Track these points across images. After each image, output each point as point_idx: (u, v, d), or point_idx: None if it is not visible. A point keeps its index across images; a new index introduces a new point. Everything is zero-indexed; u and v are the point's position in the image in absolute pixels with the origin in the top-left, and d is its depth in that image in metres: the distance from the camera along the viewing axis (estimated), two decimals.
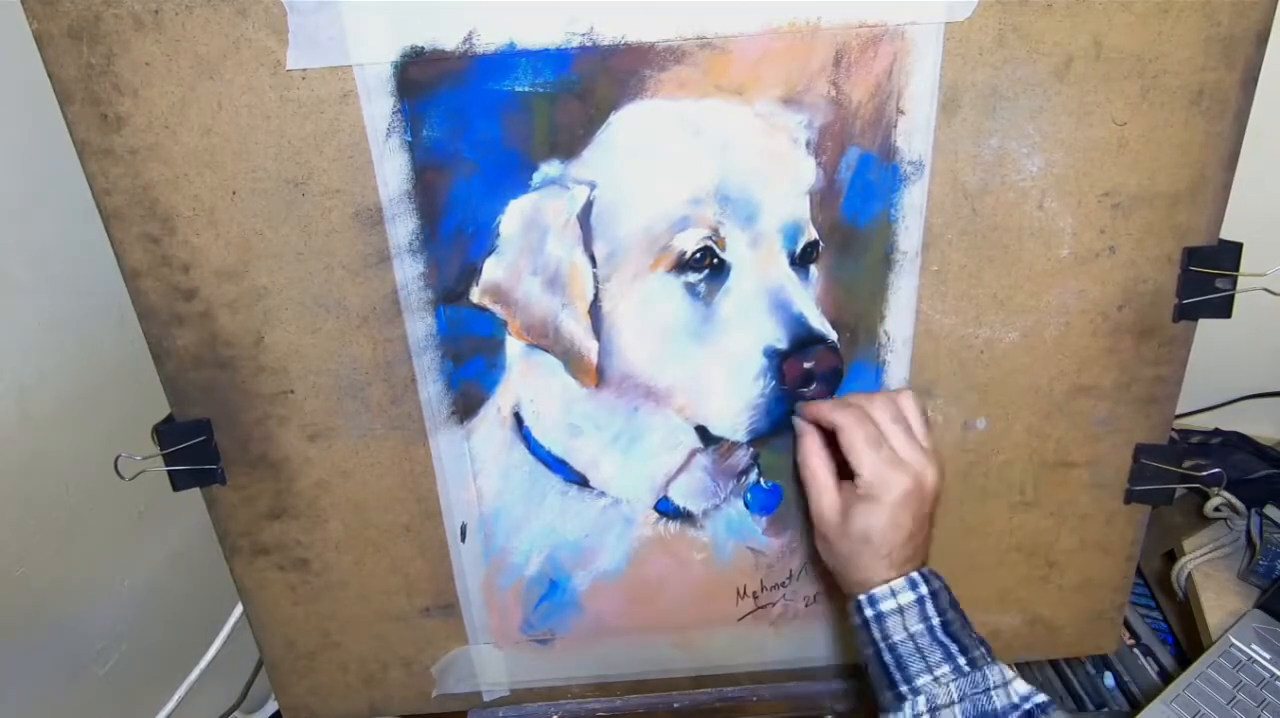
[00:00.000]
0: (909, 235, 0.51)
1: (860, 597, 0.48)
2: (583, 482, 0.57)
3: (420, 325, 0.52)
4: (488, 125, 0.47)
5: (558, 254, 0.51)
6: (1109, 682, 0.72)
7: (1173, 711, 0.60)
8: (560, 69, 0.46)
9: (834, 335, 0.53)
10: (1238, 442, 0.84)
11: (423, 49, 0.45)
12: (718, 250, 0.51)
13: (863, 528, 0.48)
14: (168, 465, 0.53)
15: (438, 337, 0.52)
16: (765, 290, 0.51)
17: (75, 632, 0.67)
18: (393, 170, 0.48)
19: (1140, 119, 0.49)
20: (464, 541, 0.59)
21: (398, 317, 0.51)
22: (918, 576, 0.48)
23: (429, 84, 0.46)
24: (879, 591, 0.47)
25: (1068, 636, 0.65)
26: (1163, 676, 0.71)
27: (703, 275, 0.51)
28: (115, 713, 0.70)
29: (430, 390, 0.54)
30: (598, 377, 0.53)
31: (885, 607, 0.47)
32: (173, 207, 0.48)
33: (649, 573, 0.61)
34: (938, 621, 0.47)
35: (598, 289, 0.51)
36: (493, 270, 0.51)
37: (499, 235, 0.50)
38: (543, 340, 0.53)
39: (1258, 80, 0.48)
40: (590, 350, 0.53)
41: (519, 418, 0.55)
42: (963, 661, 0.46)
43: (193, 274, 0.50)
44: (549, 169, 0.49)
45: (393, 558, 0.59)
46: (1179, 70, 0.47)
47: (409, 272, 0.50)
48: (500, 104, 0.47)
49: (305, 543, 0.58)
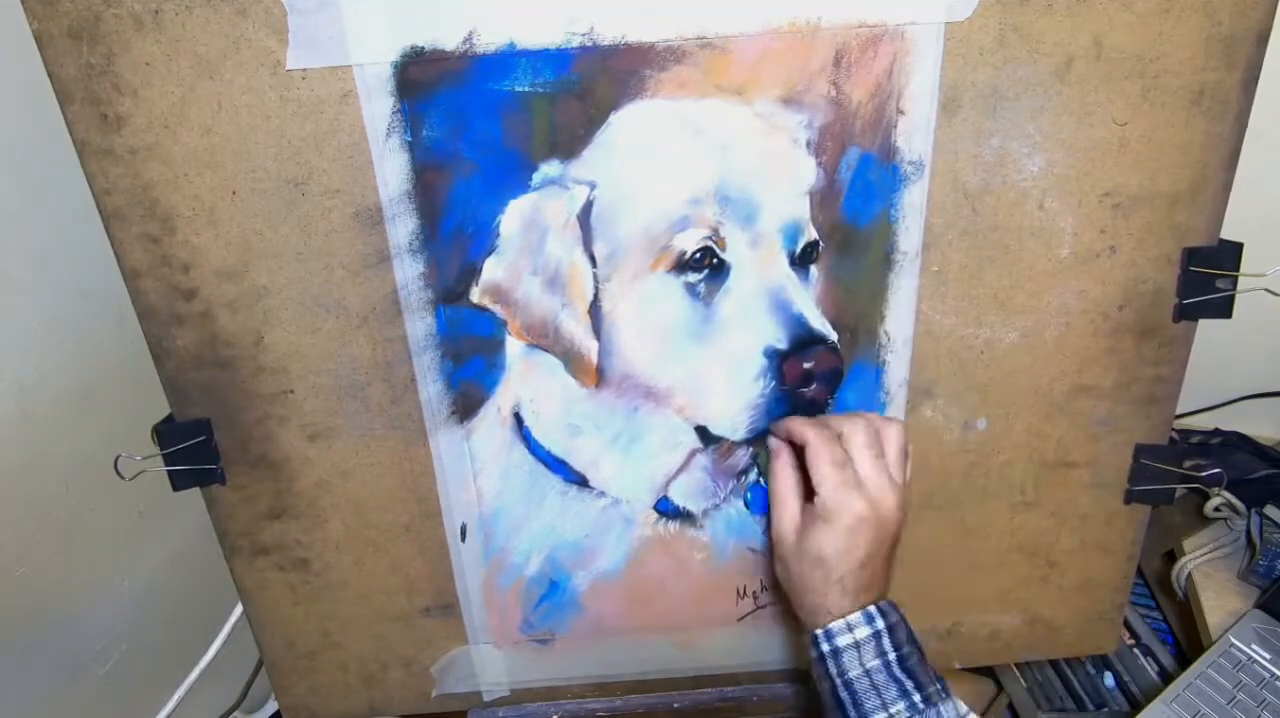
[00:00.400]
0: (909, 235, 0.51)
1: (817, 632, 0.47)
2: (583, 482, 0.57)
3: (420, 325, 0.52)
4: (488, 125, 0.47)
5: (558, 254, 0.51)
6: (1109, 682, 0.72)
7: (1173, 711, 0.60)
8: (560, 69, 0.46)
9: (834, 336, 0.53)
10: (1238, 442, 0.84)
11: (423, 49, 0.45)
12: (718, 250, 0.51)
13: (816, 549, 0.47)
14: (168, 465, 0.53)
15: (438, 337, 0.52)
16: (765, 290, 0.51)
17: (75, 632, 0.67)
18: (393, 170, 0.48)
19: (1141, 119, 0.49)
20: (464, 541, 0.59)
21: (398, 317, 0.51)
22: (874, 609, 0.47)
23: (429, 84, 0.46)
24: (835, 625, 0.47)
25: (1068, 636, 0.65)
26: (1163, 676, 0.71)
27: (703, 275, 0.51)
28: (115, 713, 0.70)
29: (430, 390, 0.54)
30: (598, 377, 0.53)
31: (841, 642, 0.46)
32: (173, 207, 0.48)
33: (649, 573, 0.61)
34: (894, 656, 0.46)
35: (598, 289, 0.51)
36: (493, 270, 0.51)
37: (499, 235, 0.50)
38: (543, 340, 0.53)
39: (1258, 80, 0.48)
40: (590, 350, 0.53)
41: (519, 418, 0.55)
42: (918, 697, 0.45)
43: (193, 274, 0.50)
44: (549, 169, 0.49)
45: (393, 558, 0.59)
46: (1180, 70, 0.47)
47: (409, 272, 0.50)
48: (500, 104, 0.47)
49: (305, 543, 0.58)
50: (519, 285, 0.51)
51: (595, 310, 0.52)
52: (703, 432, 0.55)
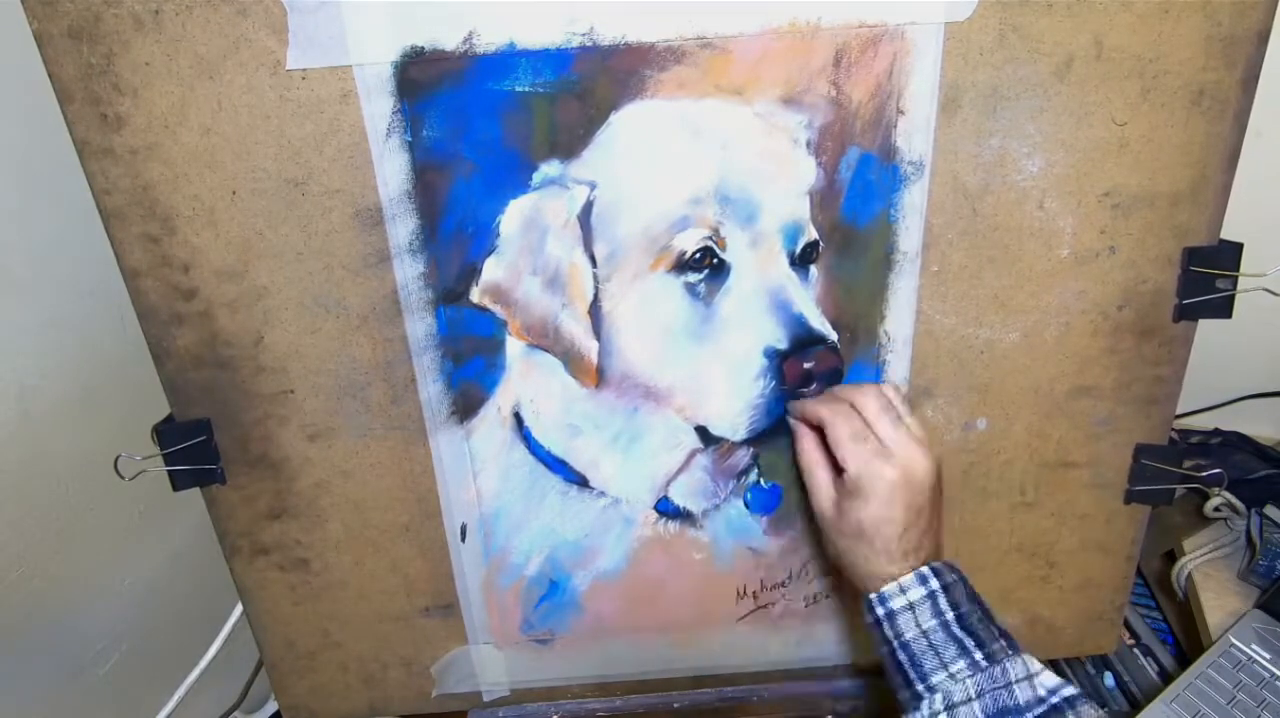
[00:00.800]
0: (909, 236, 0.51)
1: (870, 595, 0.47)
2: (583, 482, 0.57)
3: (420, 325, 0.52)
4: (488, 125, 0.47)
5: (558, 254, 0.51)
6: (1109, 682, 0.72)
7: (1173, 711, 0.60)
8: (560, 69, 0.46)
9: (834, 336, 0.53)
10: (1238, 442, 0.84)
11: (423, 49, 0.45)
12: (718, 250, 0.51)
13: (855, 523, 0.47)
14: (168, 465, 0.53)
15: (438, 337, 0.52)
16: (765, 290, 0.51)
17: (75, 632, 0.67)
18: (393, 170, 0.48)
19: (1141, 119, 0.49)
20: (464, 540, 0.59)
21: (398, 317, 0.51)
22: (928, 570, 0.46)
23: (429, 84, 0.46)
24: (888, 588, 0.46)
25: (1068, 636, 0.65)
26: (1163, 676, 0.71)
27: (703, 275, 0.51)
28: (115, 713, 0.70)
29: (430, 390, 0.54)
30: (598, 377, 0.53)
31: (895, 604, 0.46)
32: (173, 207, 0.48)
33: (649, 573, 0.61)
34: (952, 615, 0.45)
35: (598, 289, 0.51)
36: (493, 270, 0.51)
37: (499, 235, 0.50)
38: (543, 340, 0.53)
39: (1258, 80, 0.48)
40: (590, 350, 0.53)
41: (519, 418, 0.55)
42: (979, 655, 0.44)
43: (193, 274, 0.50)
44: (549, 169, 0.49)
45: (393, 558, 0.59)
46: (1180, 70, 0.47)
47: (409, 272, 0.50)
48: (500, 104, 0.47)
49: (305, 543, 0.58)
50: (519, 285, 0.51)
51: (595, 310, 0.52)
52: (703, 432, 0.55)
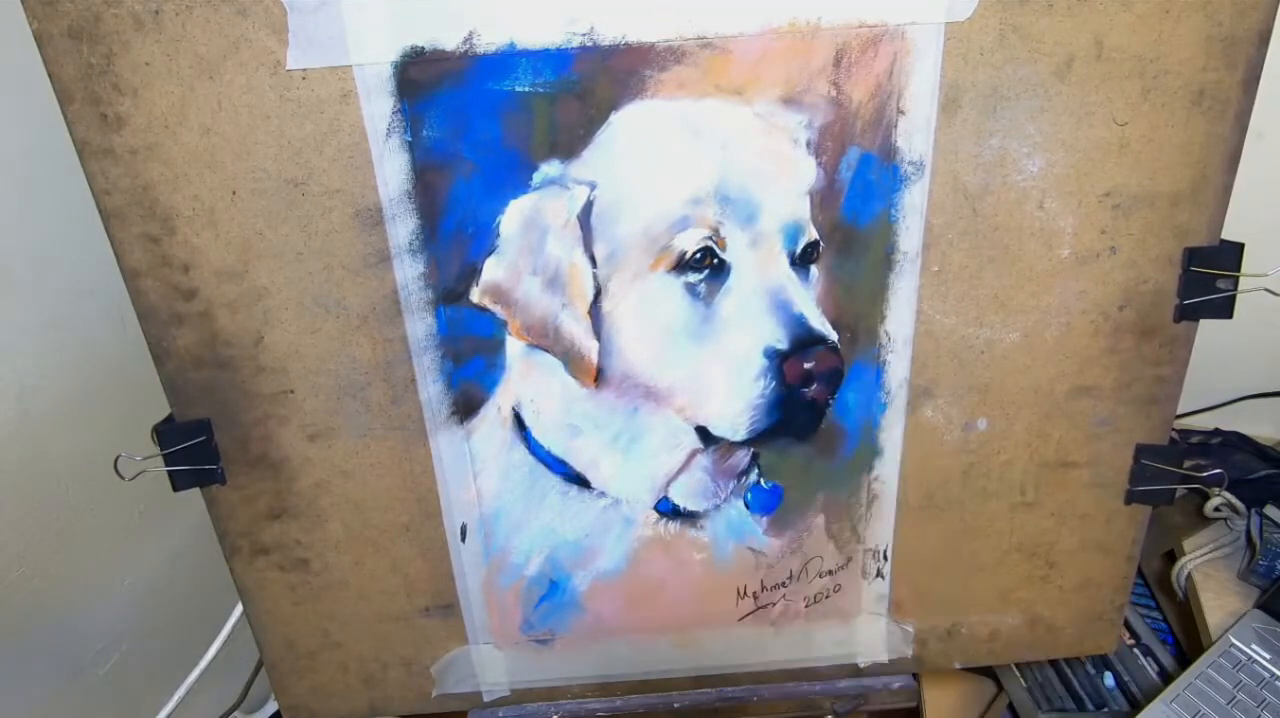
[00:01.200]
0: (909, 236, 0.51)
1: None
2: (583, 482, 0.57)
3: (420, 325, 0.52)
4: (488, 125, 0.47)
5: (558, 254, 0.50)
6: (1109, 682, 0.72)
7: (1173, 711, 0.60)
8: (560, 69, 0.46)
9: (834, 336, 0.53)
10: (1238, 442, 0.84)
11: (423, 49, 0.45)
12: (718, 250, 0.51)
13: None
14: (168, 466, 0.53)
15: (438, 337, 0.52)
16: (765, 290, 0.51)
17: (75, 632, 0.67)
18: (393, 170, 0.48)
19: (1141, 119, 0.49)
20: (464, 541, 0.59)
21: (398, 317, 0.51)
22: None
23: (429, 84, 0.46)
24: None
25: (1068, 636, 0.65)
26: (1163, 676, 0.71)
27: (703, 275, 0.51)
28: (115, 713, 0.70)
29: (430, 390, 0.54)
30: (598, 377, 0.53)
31: None
32: (173, 207, 0.48)
33: (649, 573, 0.61)
34: None
35: (598, 289, 0.51)
36: (493, 270, 0.51)
37: (499, 235, 0.50)
38: (543, 340, 0.53)
39: (1259, 81, 0.48)
40: (590, 350, 0.53)
41: (519, 418, 0.55)
42: None
43: (193, 274, 0.50)
44: (549, 169, 0.49)
45: (393, 558, 0.59)
46: (1180, 70, 0.47)
47: (409, 272, 0.50)
48: (500, 104, 0.47)
49: (305, 543, 0.58)
50: (519, 285, 0.51)
51: (595, 310, 0.52)
52: (703, 432, 0.55)
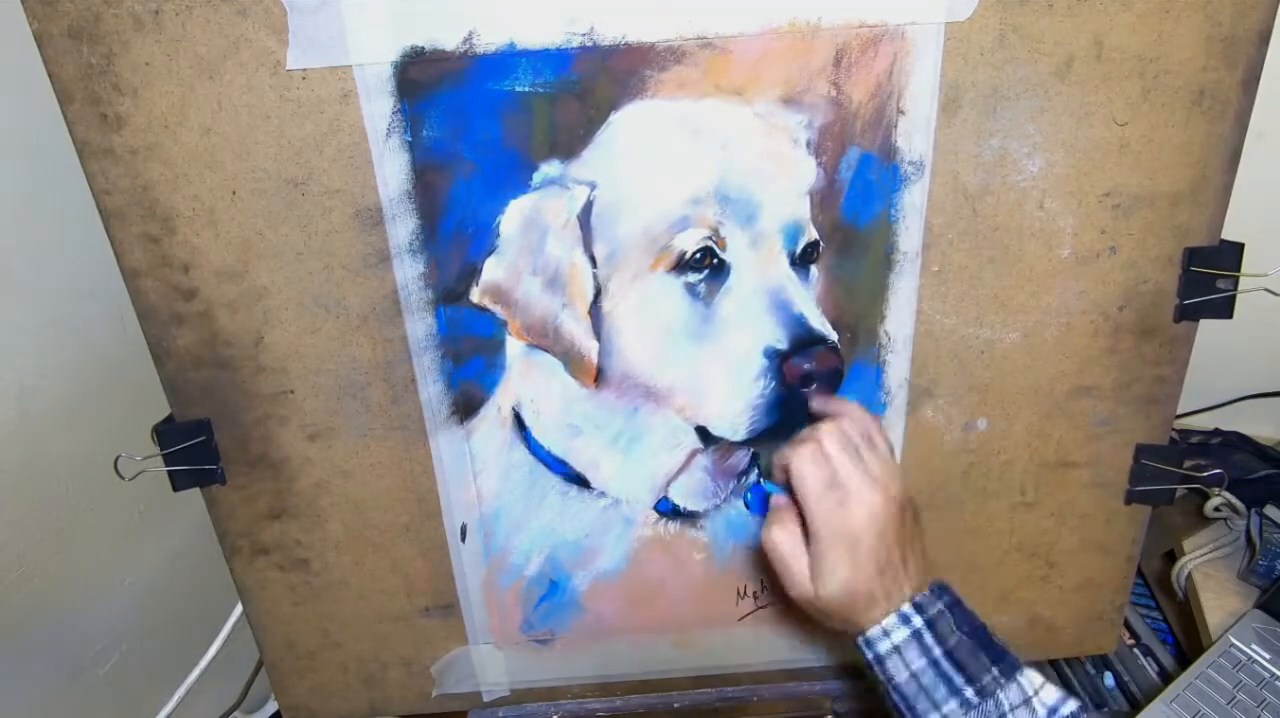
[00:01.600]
0: (909, 236, 0.51)
1: (858, 639, 0.45)
2: (583, 482, 0.57)
3: (420, 325, 0.52)
4: (488, 125, 0.47)
5: (558, 254, 0.50)
6: (1109, 682, 0.72)
7: (1173, 711, 0.60)
8: (560, 69, 0.46)
9: (834, 336, 0.52)
10: (1238, 442, 0.84)
11: (423, 49, 0.45)
12: (718, 250, 0.51)
13: (833, 589, 0.44)
14: (168, 466, 0.53)
15: (438, 337, 0.52)
16: (765, 290, 0.51)
17: (75, 632, 0.67)
18: (393, 170, 0.48)
19: (1141, 119, 0.49)
20: (464, 541, 0.59)
21: (398, 317, 0.51)
22: (909, 608, 0.44)
23: (429, 84, 0.46)
24: (873, 632, 0.45)
25: (1068, 636, 0.65)
26: (1163, 676, 0.71)
27: (703, 275, 0.51)
28: (115, 713, 0.70)
29: (430, 390, 0.54)
30: (598, 377, 0.53)
31: (882, 648, 0.44)
32: (173, 207, 0.48)
33: (649, 573, 0.61)
34: (939, 652, 0.44)
35: (598, 289, 0.51)
36: (493, 270, 0.51)
37: (499, 235, 0.50)
38: (543, 340, 0.53)
39: (1259, 81, 0.48)
40: (590, 350, 0.53)
41: (519, 418, 0.55)
42: (970, 692, 0.43)
43: (193, 274, 0.50)
44: (549, 169, 0.49)
45: (393, 558, 0.59)
46: (1180, 70, 0.47)
47: (409, 272, 0.50)
48: (500, 104, 0.47)
49: (305, 543, 0.58)
50: (519, 285, 0.51)
51: (595, 310, 0.52)
52: (703, 432, 0.55)
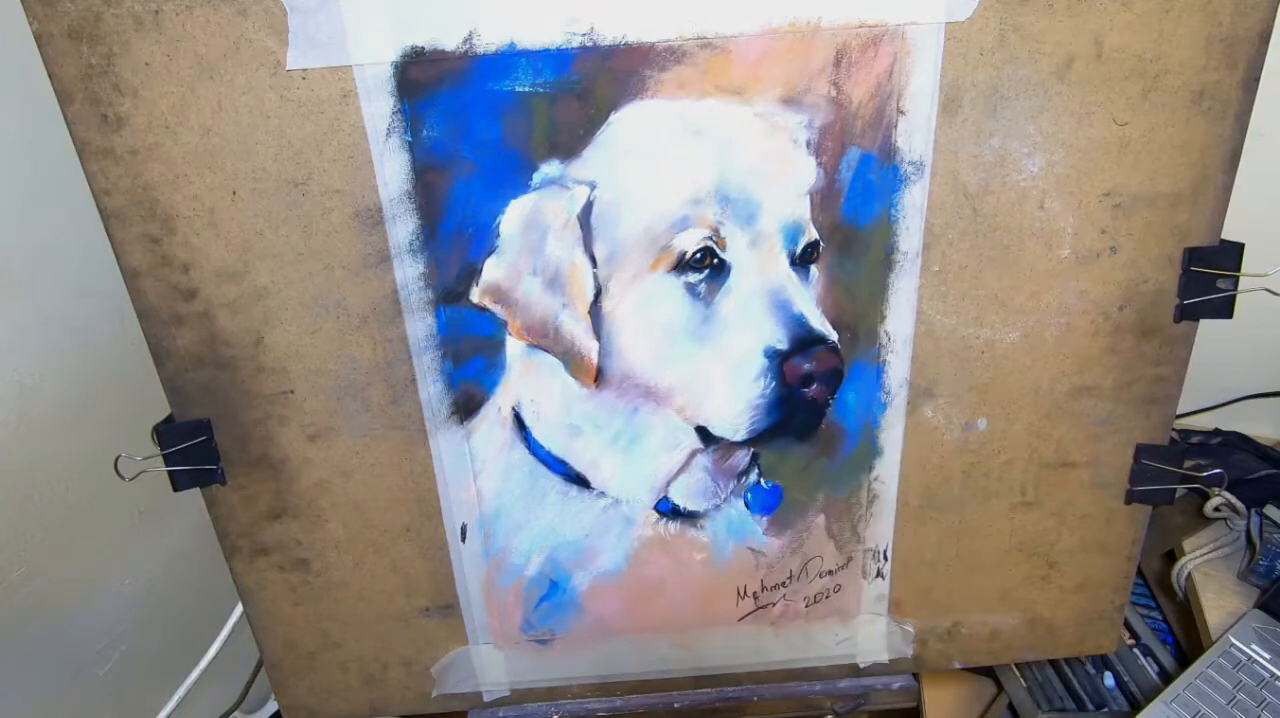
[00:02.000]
0: (909, 236, 0.51)
1: None
2: (583, 482, 0.57)
3: (420, 325, 0.52)
4: (488, 125, 0.47)
5: (558, 254, 0.50)
6: (1109, 682, 0.72)
7: (1173, 711, 0.60)
8: (560, 69, 0.46)
9: (834, 336, 0.53)
10: (1238, 442, 0.84)
11: (423, 49, 0.45)
12: (718, 250, 0.51)
13: None
14: (168, 466, 0.53)
15: (438, 337, 0.52)
16: (765, 290, 0.51)
17: (75, 632, 0.67)
18: (393, 170, 0.48)
19: (1141, 119, 0.49)
20: (464, 541, 0.59)
21: (398, 317, 0.51)
22: None
23: (429, 84, 0.46)
24: None
25: (1068, 636, 0.65)
26: (1163, 676, 0.71)
27: (703, 275, 0.51)
28: (115, 713, 0.70)
29: (430, 390, 0.54)
30: (598, 377, 0.53)
31: None
32: (173, 207, 0.48)
33: (649, 573, 0.61)
34: None
35: (598, 289, 0.51)
36: (493, 270, 0.51)
37: (499, 235, 0.50)
38: (543, 341, 0.53)
39: (1259, 81, 0.48)
40: (590, 351, 0.53)
41: (519, 418, 0.55)
42: None
43: (193, 274, 0.50)
44: (549, 169, 0.49)
45: (393, 558, 0.59)
46: (1180, 70, 0.47)
47: (409, 272, 0.50)
48: (500, 104, 0.47)
49: (305, 543, 0.58)
50: (519, 285, 0.51)
51: (595, 311, 0.52)
52: (703, 432, 0.55)
